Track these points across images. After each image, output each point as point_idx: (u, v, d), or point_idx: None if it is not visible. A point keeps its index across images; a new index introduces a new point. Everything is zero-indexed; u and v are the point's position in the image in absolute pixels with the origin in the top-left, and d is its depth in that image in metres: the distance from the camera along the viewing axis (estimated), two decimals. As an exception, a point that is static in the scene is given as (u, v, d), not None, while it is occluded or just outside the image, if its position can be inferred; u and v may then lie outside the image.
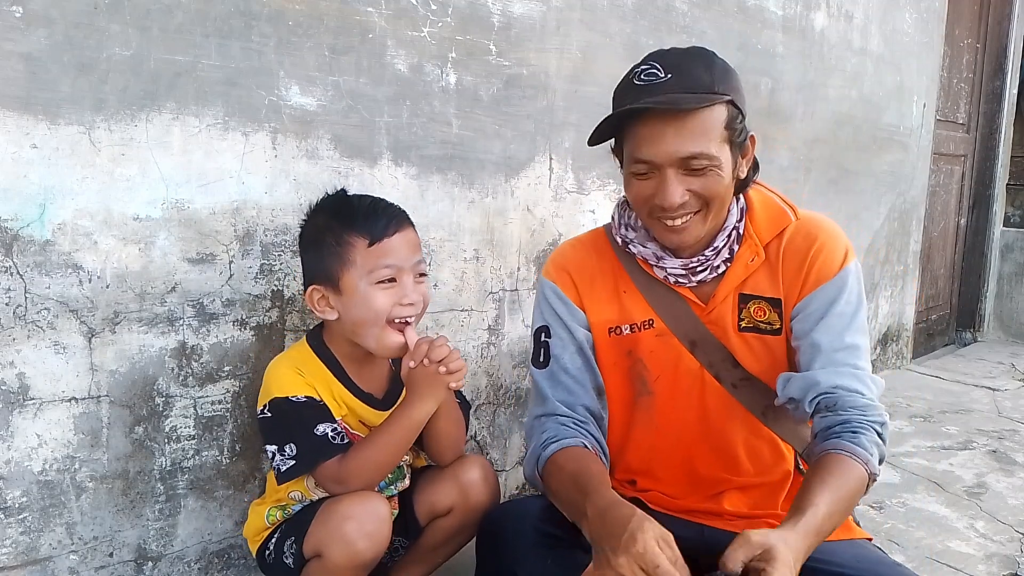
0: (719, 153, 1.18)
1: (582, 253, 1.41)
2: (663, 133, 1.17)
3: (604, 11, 2.05)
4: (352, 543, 1.24)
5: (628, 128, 1.22)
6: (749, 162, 1.28)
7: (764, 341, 1.31)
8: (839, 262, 1.27)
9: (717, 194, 1.21)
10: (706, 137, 1.17)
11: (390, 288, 1.31)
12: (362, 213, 1.32)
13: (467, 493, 1.41)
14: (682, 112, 1.16)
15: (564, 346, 1.36)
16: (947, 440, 2.79)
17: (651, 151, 1.18)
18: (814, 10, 2.80)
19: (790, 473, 1.37)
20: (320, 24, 1.51)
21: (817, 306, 1.26)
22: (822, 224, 1.31)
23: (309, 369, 1.36)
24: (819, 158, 2.98)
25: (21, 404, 1.27)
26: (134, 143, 1.32)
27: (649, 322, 1.34)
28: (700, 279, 1.30)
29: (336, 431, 1.32)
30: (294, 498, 1.40)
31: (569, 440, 1.28)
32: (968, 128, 4.28)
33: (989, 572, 1.85)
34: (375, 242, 1.30)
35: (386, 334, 1.32)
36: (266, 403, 1.32)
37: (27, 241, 1.24)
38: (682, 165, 1.18)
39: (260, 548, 1.41)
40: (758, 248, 1.30)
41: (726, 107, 1.19)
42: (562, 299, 1.37)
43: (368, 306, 1.30)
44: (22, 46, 1.20)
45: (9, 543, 1.29)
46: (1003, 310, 4.60)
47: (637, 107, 1.17)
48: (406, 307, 1.31)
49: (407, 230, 1.34)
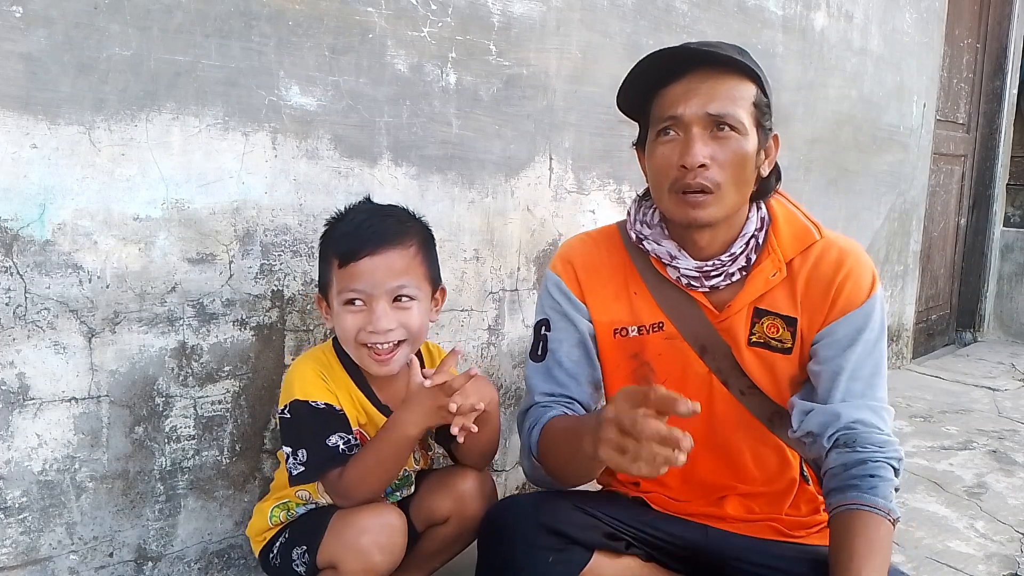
0: (746, 122, 1.18)
1: (591, 248, 1.39)
2: (696, 89, 1.17)
3: (604, 11, 2.05)
4: (368, 556, 1.25)
5: (659, 92, 1.22)
6: (771, 164, 1.27)
7: (772, 359, 1.29)
8: (867, 290, 1.25)
9: (740, 169, 1.19)
10: (735, 104, 1.18)
11: (358, 312, 1.29)
12: (342, 232, 1.32)
13: (463, 504, 1.40)
14: (716, 72, 1.18)
15: (563, 339, 1.35)
16: (947, 440, 2.79)
17: (682, 105, 1.18)
18: (814, 10, 2.80)
19: (796, 480, 1.36)
20: (320, 24, 1.51)
21: (844, 334, 1.25)
22: (849, 248, 1.28)
23: (333, 373, 1.35)
24: (819, 158, 2.98)
25: (21, 404, 1.27)
26: (134, 143, 1.32)
27: (659, 324, 1.32)
28: (713, 284, 1.27)
29: (348, 443, 1.31)
30: (301, 497, 1.40)
31: (554, 411, 1.30)
32: (968, 128, 4.27)
33: (989, 572, 1.85)
34: (344, 264, 1.29)
35: (360, 353, 1.32)
36: (287, 404, 1.32)
37: (27, 241, 1.24)
38: (709, 125, 1.17)
39: (263, 549, 1.41)
40: (781, 264, 1.27)
41: (755, 87, 1.20)
42: (564, 293, 1.36)
43: (340, 325, 1.31)
44: (22, 46, 1.20)
45: (9, 543, 1.29)
46: (1003, 310, 4.60)
47: (676, 48, 1.19)
48: (371, 334, 1.28)
49: (386, 253, 1.28)
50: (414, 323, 1.32)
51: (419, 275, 1.33)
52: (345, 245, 1.29)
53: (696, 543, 1.32)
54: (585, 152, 2.08)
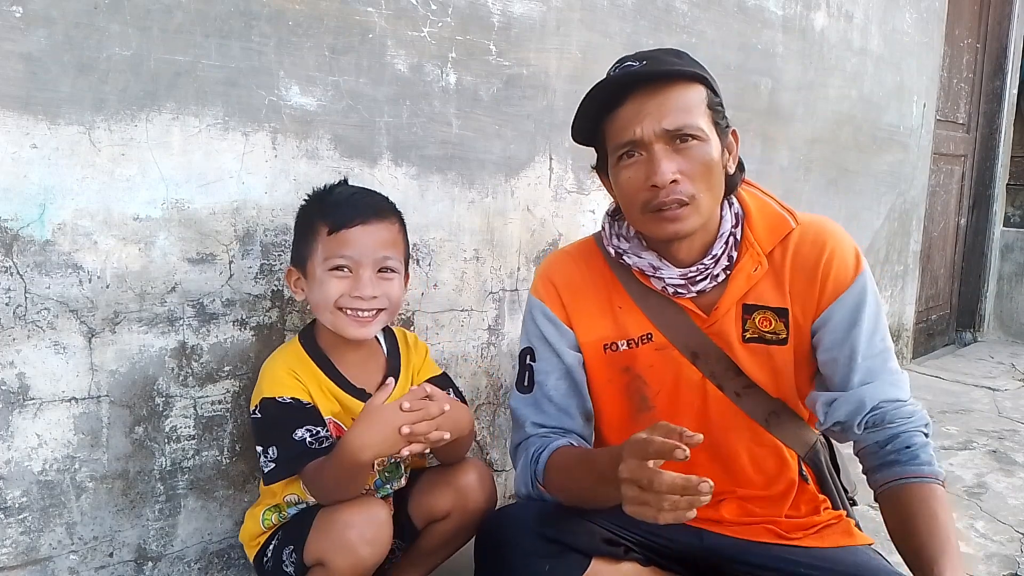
0: (705, 128, 1.17)
1: (571, 266, 1.37)
2: (645, 108, 1.16)
3: (604, 11, 2.05)
4: (355, 551, 1.24)
5: (609, 117, 1.20)
6: (735, 159, 1.26)
7: (768, 352, 1.29)
8: (853, 267, 1.25)
9: (707, 174, 1.18)
10: (689, 113, 1.16)
11: (344, 278, 1.31)
12: (332, 201, 1.34)
13: (464, 497, 1.41)
14: (661, 87, 1.16)
15: (549, 371, 1.34)
16: (947, 440, 2.79)
17: (635, 128, 1.16)
18: (814, 10, 2.80)
19: (795, 481, 1.35)
20: (320, 24, 1.51)
21: (842, 316, 1.25)
22: (826, 228, 1.28)
23: (301, 367, 1.36)
24: (819, 158, 2.98)
25: (21, 404, 1.27)
26: (134, 143, 1.32)
27: (647, 336, 1.31)
28: (700, 289, 1.27)
29: (316, 435, 1.30)
30: (290, 501, 1.40)
31: (557, 442, 1.29)
32: (968, 128, 4.28)
33: (989, 572, 1.85)
34: (334, 231, 1.31)
35: (337, 319, 1.33)
36: (257, 403, 1.33)
37: (27, 241, 1.24)
38: (669, 140, 1.16)
39: (258, 554, 1.41)
40: (760, 258, 1.27)
41: (704, 88, 1.19)
42: (550, 319, 1.34)
43: (321, 291, 1.32)
44: (22, 46, 1.20)
45: (9, 543, 1.29)
46: (1003, 310, 4.60)
47: (615, 76, 1.19)
48: (355, 299, 1.31)
49: (376, 224, 1.33)
50: (395, 294, 1.37)
51: (400, 251, 1.39)
52: (339, 213, 1.32)
53: (692, 547, 1.32)
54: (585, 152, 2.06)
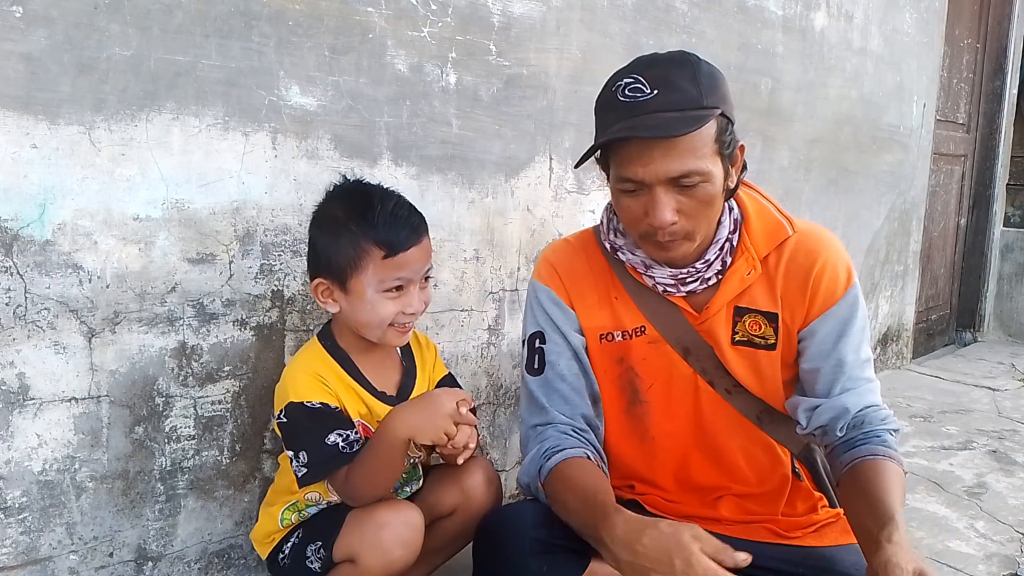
0: (711, 167, 1.14)
1: (572, 255, 1.38)
2: (651, 155, 1.12)
3: (604, 11, 2.05)
4: (389, 551, 1.26)
5: (614, 148, 1.17)
6: (739, 170, 1.24)
7: (756, 356, 1.30)
8: (844, 281, 1.27)
9: (708, 209, 1.18)
10: (695, 155, 1.12)
11: (397, 297, 1.32)
12: (383, 221, 1.30)
13: (470, 496, 1.42)
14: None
15: (560, 352, 1.34)
16: (947, 440, 2.79)
17: (639, 172, 1.14)
18: (814, 10, 2.80)
19: (788, 478, 1.36)
20: (320, 24, 1.51)
21: (831, 329, 1.26)
22: (822, 240, 1.29)
23: (327, 371, 1.35)
24: (819, 158, 2.98)
25: (21, 404, 1.27)
26: (134, 143, 1.32)
27: (641, 329, 1.32)
28: (690, 290, 1.28)
29: (347, 439, 1.31)
30: (311, 499, 1.40)
31: (573, 451, 1.27)
32: (968, 128, 4.28)
33: (989, 572, 1.85)
34: (391, 255, 1.29)
35: (387, 333, 1.34)
36: (283, 408, 1.32)
37: (27, 241, 1.24)
38: (672, 183, 1.14)
39: (272, 551, 1.40)
40: (755, 262, 1.27)
41: (716, 121, 1.14)
42: (556, 302, 1.35)
43: (374, 312, 1.31)
44: (22, 46, 1.20)
45: (9, 543, 1.29)
46: (1003, 310, 4.60)
47: (626, 136, 1.13)
48: (409, 316, 1.34)
49: (424, 240, 1.34)
50: (431, 297, 1.39)
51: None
52: (393, 236, 1.29)
53: None
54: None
